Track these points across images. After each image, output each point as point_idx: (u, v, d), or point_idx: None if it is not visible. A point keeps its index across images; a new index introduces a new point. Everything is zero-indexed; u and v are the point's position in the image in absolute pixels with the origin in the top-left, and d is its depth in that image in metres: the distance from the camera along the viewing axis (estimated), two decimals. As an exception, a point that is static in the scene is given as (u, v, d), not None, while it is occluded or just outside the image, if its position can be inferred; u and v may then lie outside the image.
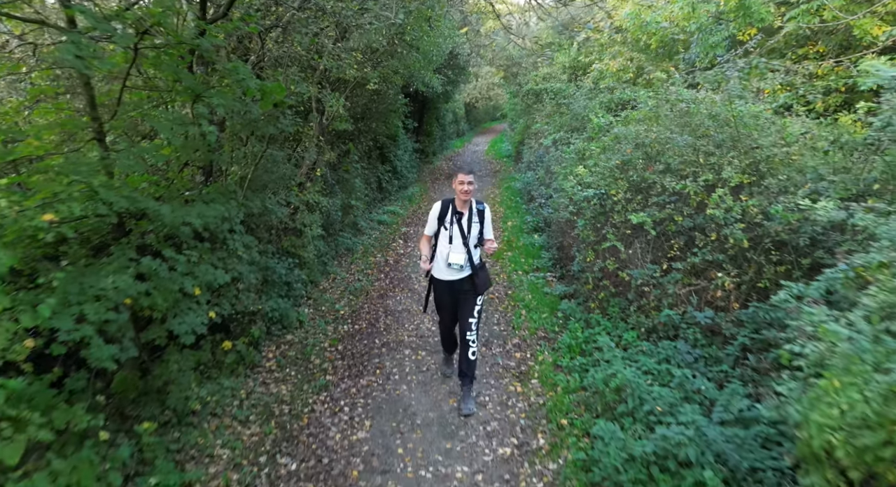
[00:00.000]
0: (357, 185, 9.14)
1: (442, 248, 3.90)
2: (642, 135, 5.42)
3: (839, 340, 2.04)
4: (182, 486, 3.10)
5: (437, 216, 3.91)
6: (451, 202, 3.89)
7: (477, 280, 3.90)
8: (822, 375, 2.07)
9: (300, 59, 5.24)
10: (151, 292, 3.06)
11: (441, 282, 3.98)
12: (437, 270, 3.98)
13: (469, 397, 4.07)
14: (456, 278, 3.92)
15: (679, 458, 2.89)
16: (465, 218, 3.86)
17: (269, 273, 5.07)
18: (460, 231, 3.84)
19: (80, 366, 2.83)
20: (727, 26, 7.73)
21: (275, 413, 4.05)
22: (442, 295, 4.05)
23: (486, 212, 3.94)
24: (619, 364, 3.85)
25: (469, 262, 3.86)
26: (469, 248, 3.84)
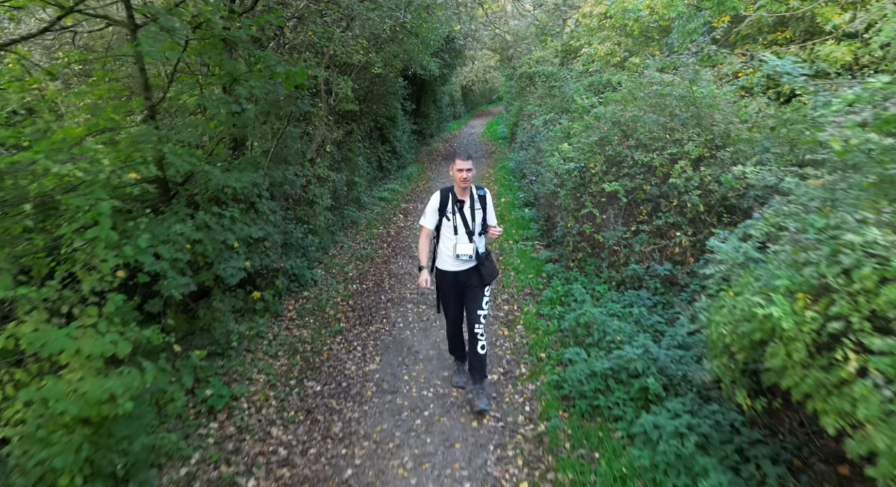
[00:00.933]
0: (360, 163, 9.79)
1: (447, 240, 3.77)
2: (618, 115, 6.09)
3: (735, 263, 2.76)
4: (231, 397, 3.84)
5: (438, 207, 3.73)
6: (451, 190, 3.73)
7: (483, 270, 3.76)
8: (723, 289, 2.79)
9: (313, 46, 5.88)
10: (204, 240, 3.76)
11: (447, 274, 3.84)
12: (441, 262, 3.85)
13: (482, 393, 3.88)
14: (462, 269, 3.79)
15: (630, 371, 3.64)
16: (466, 206, 3.71)
17: (287, 236, 5.77)
18: (464, 220, 3.70)
19: (153, 296, 3.54)
20: (703, 14, 8.34)
21: (299, 350, 4.78)
22: (448, 287, 3.88)
23: (488, 196, 3.81)
24: (588, 306, 4.60)
25: (475, 252, 3.72)
26: (475, 237, 3.73)
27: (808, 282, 2.18)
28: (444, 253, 3.81)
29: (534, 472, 3.23)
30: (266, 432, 3.64)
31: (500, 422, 3.76)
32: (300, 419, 3.83)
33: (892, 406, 1.78)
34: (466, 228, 3.71)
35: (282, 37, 5.38)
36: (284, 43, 5.46)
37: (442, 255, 3.83)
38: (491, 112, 35.24)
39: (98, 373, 2.64)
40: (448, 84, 23.03)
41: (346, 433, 3.68)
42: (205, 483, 3.09)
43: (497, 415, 3.84)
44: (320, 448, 3.53)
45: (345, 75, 6.92)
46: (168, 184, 4.15)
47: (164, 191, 4.18)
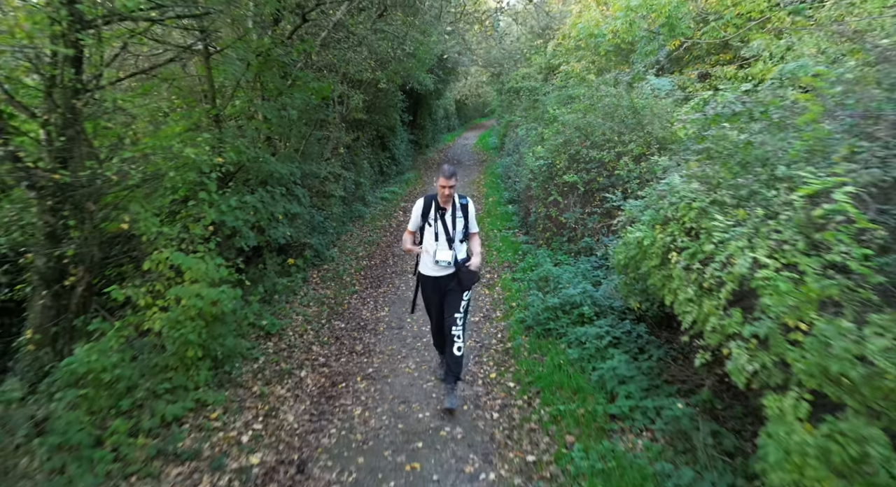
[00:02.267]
0: (365, 166, 11.20)
1: (428, 246, 3.90)
2: (579, 121, 7.52)
3: (630, 213, 4.14)
4: (280, 327, 5.18)
5: (421, 212, 3.88)
6: (434, 198, 3.86)
7: (462, 275, 3.87)
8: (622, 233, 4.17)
9: (333, 66, 7.30)
10: (260, 210, 5.13)
11: (428, 278, 3.98)
12: (423, 267, 3.99)
13: (453, 394, 4.00)
14: (442, 274, 3.92)
15: (572, 304, 5.01)
16: (448, 214, 3.85)
17: (311, 219, 7.14)
18: (444, 227, 3.83)
19: (228, 248, 4.89)
20: (659, 39, 9.84)
21: (325, 302, 6.13)
22: (430, 291, 4.03)
23: (470, 205, 3.94)
24: (548, 265, 5.99)
25: (454, 258, 3.83)
26: (455, 244, 3.86)
27: (659, 217, 3.57)
28: (426, 259, 3.93)
29: (500, 368, 4.60)
30: (308, 348, 4.99)
31: (479, 344, 5.12)
32: (332, 342, 5.19)
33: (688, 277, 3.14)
34: (447, 235, 3.83)
35: (309, 59, 6.79)
36: (311, 64, 6.88)
37: (424, 261, 3.96)
38: (484, 125, 36.76)
39: (209, 286, 4.00)
40: (442, 98, 24.56)
41: (366, 350, 5.03)
42: (272, 372, 4.44)
43: (477, 340, 5.20)
44: (348, 358, 4.88)
45: (355, 89, 8.35)
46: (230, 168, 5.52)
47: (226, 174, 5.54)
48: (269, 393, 4.15)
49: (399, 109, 14.55)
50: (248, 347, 4.59)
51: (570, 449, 3.38)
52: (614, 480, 3.04)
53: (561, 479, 3.18)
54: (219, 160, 4.53)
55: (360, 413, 4.00)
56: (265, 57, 5.15)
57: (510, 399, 4.14)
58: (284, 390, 4.23)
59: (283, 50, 5.48)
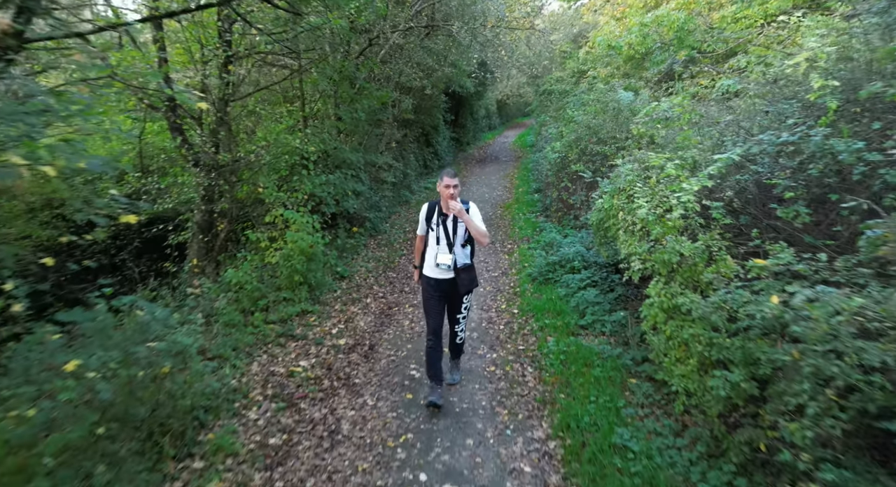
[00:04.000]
0: (411, 160, 13.04)
1: (430, 249, 4.01)
2: (590, 121, 9.10)
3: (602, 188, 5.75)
4: (350, 273, 7.04)
5: (425, 217, 3.99)
6: (437, 203, 3.96)
7: (459, 280, 3.94)
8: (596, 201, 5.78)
9: (389, 77, 9.14)
10: (337, 186, 6.99)
11: (430, 280, 4.05)
12: (426, 268, 4.08)
13: (456, 369, 4.51)
14: (443, 277, 3.99)
15: (567, 259, 6.66)
16: (450, 218, 3.91)
17: (370, 198, 9.00)
18: (445, 231, 3.91)
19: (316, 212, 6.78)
20: (670, 50, 11.25)
21: (380, 260, 7.97)
22: (431, 292, 4.08)
23: (473, 209, 3.95)
24: (554, 234, 7.64)
25: (454, 262, 3.91)
26: (456, 248, 3.92)
27: (615, 189, 5.19)
28: (429, 261, 4.04)
29: (509, 303, 6.31)
30: (370, 287, 6.83)
31: (496, 289, 6.85)
32: (386, 284, 7.02)
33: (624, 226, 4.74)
34: (447, 239, 3.92)
35: (371, 72, 8.64)
36: (373, 76, 8.72)
37: (427, 263, 4.08)
38: (525, 124, 38.16)
39: (308, 234, 5.87)
40: (483, 99, 26.21)
41: (411, 290, 6.83)
42: (347, 299, 6.29)
43: (494, 287, 6.93)
44: (399, 294, 6.69)
45: (405, 95, 10.17)
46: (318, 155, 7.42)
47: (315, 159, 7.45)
48: (346, 310, 6.01)
49: (442, 110, 16.33)
50: (329, 282, 6.47)
51: (548, 343, 5.06)
52: (571, 355, 4.72)
53: (539, 358, 4.87)
54: (312, 149, 6.42)
55: (407, 324, 5.79)
56: (341, 73, 7.01)
57: (513, 319, 5.85)
58: (357, 309, 6.08)
59: (353, 67, 7.34)
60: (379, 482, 3.34)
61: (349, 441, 3.77)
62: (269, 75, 7.04)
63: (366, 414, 4.10)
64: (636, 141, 8.44)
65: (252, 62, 6.08)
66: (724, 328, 3.15)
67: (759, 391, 2.89)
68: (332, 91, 7.15)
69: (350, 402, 4.27)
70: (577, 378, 4.37)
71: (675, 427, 3.59)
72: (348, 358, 4.99)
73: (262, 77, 7.34)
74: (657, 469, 3.19)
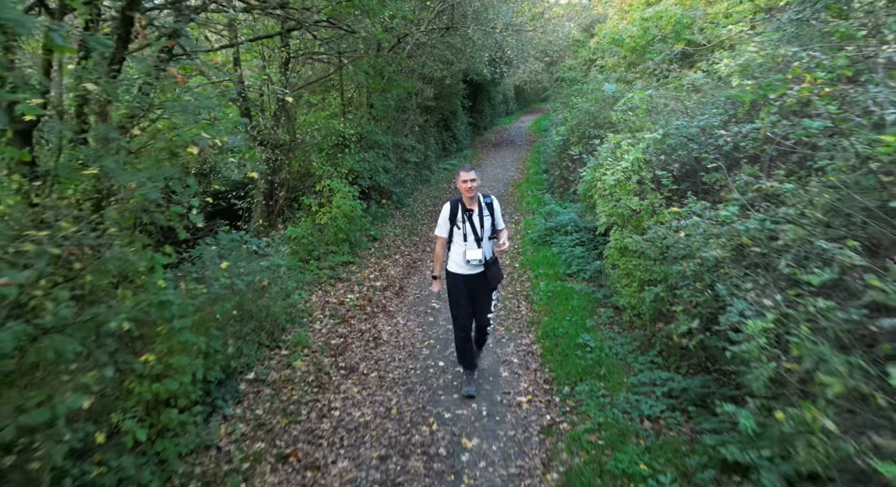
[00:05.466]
0: (431, 143, 14.37)
1: (458, 247, 3.99)
2: (590, 108, 10.32)
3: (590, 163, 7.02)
4: (380, 236, 8.46)
5: (449, 217, 3.97)
6: (460, 201, 3.95)
7: (489, 273, 4.01)
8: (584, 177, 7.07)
9: (413, 69, 10.45)
10: (371, 163, 8.38)
11: (458, 276, 4.06)
12: (452, 265, 4.07)
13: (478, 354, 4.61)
14: (471, 273, 4.02)
15: (562, 224, 7.98)
16: (475, 214, 3.93)
17: (396, 175, 10.38)
18: (472, 227, 3.92)
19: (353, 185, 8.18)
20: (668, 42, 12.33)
21: (405, 227, 9.37)
22: (459, 289, 4.10)
23: (495, 203, 4.04)
24: (554, 206, 8.96)
25: (484, 257, 3.95)
26: (483, 242, 3.96)
27: (597, 164, 6.48)
28: (455, 259, 4.04)
29: (512, 260, 7.67)
30: (398, 247, 8.25)
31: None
32: (411, 245, 8.42)
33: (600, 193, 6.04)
34: (475, 235, 3.93)
35: (399, 65, 9.96)
36: (401, 69, 10.05)
37: (453, 260, 4.06)
38: (542, 109, 38.94)
39: (349, 200, 7.28)
40: (501, 85, 27.29)
41: (432, 250, 8.22)
42: (379, 254, 7.72)
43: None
44: (421, 253, 8.09)
45: (427, 84, 11.48)
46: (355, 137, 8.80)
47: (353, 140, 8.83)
48: (380, 262, 7.44)
49: (460, 97, 17.57)
50: (365, 242, 7.90)
51: (540, 285, 6.42)
52: (556, 293, 6.07)
53: (532, 296, 6.24)
54: (351, 131, 7.79)
55: (428, 273, 7.20)
56: (374, 68, 8.35)
57: (514, 269, 7.22)
58: (388, 262, 7.51)
59: (384, 62, 8.67)
60: (409, 365, 4.77)
61: (388, 343, 5.21)
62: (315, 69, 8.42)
63: (399, 328, 5.53)
64: (614, 126, 9.68)
65: (303, 61, 7.44)
66: (654, 258, 4.48)
67: (672, 297, 4.22)
68: (367, 83, 8.49)
69: (387, 321, 5.71)
70: (559, 307, 5.74)
71: (622, 332, 4.95)
72: (384, 294, 6.43)
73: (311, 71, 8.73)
74: (604, 356, 4.56)
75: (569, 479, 3.27)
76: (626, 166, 4.88)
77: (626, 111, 6.66)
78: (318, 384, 4.44)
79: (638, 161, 4.95)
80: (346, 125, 7.88)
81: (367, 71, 8.01)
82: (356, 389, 4.40)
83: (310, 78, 8.21)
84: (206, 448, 3.51)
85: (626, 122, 6.77)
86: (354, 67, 8.06)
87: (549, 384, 4.44)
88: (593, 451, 3.46)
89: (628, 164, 4.87)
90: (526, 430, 3.86)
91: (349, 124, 8.00)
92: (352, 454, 3.61)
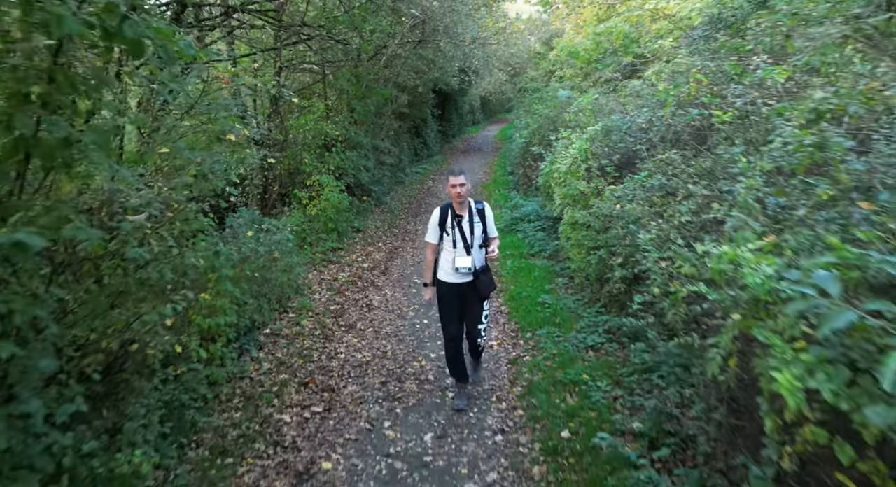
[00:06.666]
0: (405, 147, 15.33)
1: (447, 254, 3.89)
2: (549, 113, 11.48)
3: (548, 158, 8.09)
4: (364, 228, 9.35)
5: (438, 222, 3.88)
6: (450, 206, 3.87)
7: (479, 283, 3.86)
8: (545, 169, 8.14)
9: (388, 78, 11.42)
10: (353, 162, 9.29)
11: (448, 284, 3.92)
12: (442, 273, 3.94)
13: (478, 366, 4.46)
14: (461, 281, 3.87)
15: (525, 214, 9.04)
16: (465, 220, 3.83)
17: (374, 174, 11.30)
18: (461, 234, 3.81)
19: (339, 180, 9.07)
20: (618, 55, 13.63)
21: (385, 221, 10.28)
22: (448, 299, 3.95)
23: (487, 210, 3.94)
24: (518, 199, 10.03)
25: (473, 265, 3.80)
26: (473, 250, 3.82)
27: (554, 158, 7.54)
28: (444, 266, 3.92)
29: (483, 244, 8.67)
30: (380, 237, 9.15)
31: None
32: (392, 236, 9.34)
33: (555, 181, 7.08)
34: (465, 242, 3.81)
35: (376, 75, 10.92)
36: (378, 78, 11.00)
37: (442, 267, 3.94)
38: (507, 119, 40.30)
39: (337, 193, 8.16)
40: (467, 95, 28.49)
41: (410, 239, 9.15)
42: (364, 242, 8.61)
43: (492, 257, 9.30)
44: (401, 242, 9.01)
45: (401, 92, 12.47)
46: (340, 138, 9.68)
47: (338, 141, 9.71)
48: (365, 249, 8.33)
49: (430, 105, 18.61)
50: (350, 232, 8.78)
51: (507, 263, 7.42)
52: (521, 268, 7.09)
53: (501, 271, 7.23)
54: (336, 133, 8.70)
55: (409, 257, 8.12)
56: (356, 77, 9.28)
57: (484, 253, 8.21)
58: (373, 249, 8.41)
59: (364, 72, 9.62)
60: (399, 323, 5.69)
61: (379, 308, 6.12)
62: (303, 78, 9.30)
63: (388, 298, 6.45)
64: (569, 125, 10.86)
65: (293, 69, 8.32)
66: (598, 229, 5.52)
67: (610, 256, 5.26)
68: (349, 90, 9.42)
69: (376, 292, 6.62)
70: (523, 278, 6.76)
71: (574, 293, 5.99)
72: (371, 273, 7.33)
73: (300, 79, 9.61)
74: (559, 310, 5.57)
75: (530, 389, 4.24)
76: (574, 154, 5.93)
77: (577, 113, 7.77)
78: (324, 337, 5.32)
79: (585, 151, 6.02)
80: (332, 127, 8.76)
81: (349, 79, 8.93)
82: (356, 340, 5.30)
83: (299, 85, 9.08)
84: (241, 378, 4.35)
85: (577, 122, 7.87)
86: (336, 76, 8.98)
87: (514, 332, 5.43)
88: (548, 371, 4.44)
89: (576, 152, 5.92)
90: (497, 362, 4.82)
91: (335, 126, 8.89)
92: (358, 381, 4.51)
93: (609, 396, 3.97)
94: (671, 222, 3.49)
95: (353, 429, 3.83)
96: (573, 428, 3.64)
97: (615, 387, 4.08)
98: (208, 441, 3.54)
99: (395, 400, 4.21)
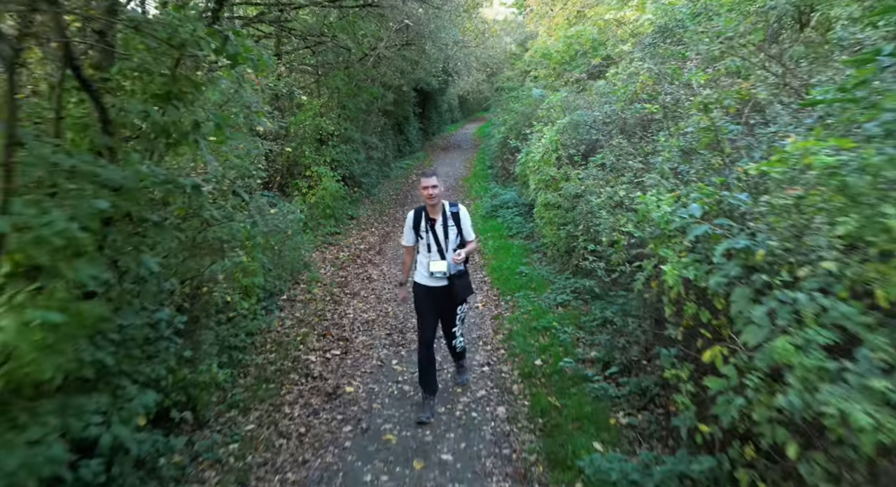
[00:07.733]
0: (390, 144, 16.18)
1: (422, 257, 3.85)
2: (524, 110, 12.45)
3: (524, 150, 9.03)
4: (357, 216, 10.19)
5: (412, 225, 3.82)
6: (423, 209, 3.79)
7: (454, 288, 3.77)
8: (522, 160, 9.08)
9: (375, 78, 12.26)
10: (347, 155, 10.12)
11: (422, 287, 3.86)
12: (418, 276, 3.89)
13: (463, 369, 4.38)
14: (437, 285, 3.79)
15: (504, 202, 9.99)
16: (438, 223, 3.76)
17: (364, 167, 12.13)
18: (435, 238, 3.75)
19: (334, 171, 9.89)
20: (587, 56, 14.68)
21: (376, 209, 11.12)
22: (423, 300, 3.88)
23: (462, 212, 3.84)
24: (497, 189, 10.99)
25: (448, 269, 3.71)
26: (448, 254, 3.74)
27: (529, 149, 8.49)
28: (420, 269, 3.88)
29: (466, 229, 9.60)
30: (373, 223, 10.00)
31: (457, 223, 10.17)
32: (383, 223, 10.19)
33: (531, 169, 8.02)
34: (438, 246, 3.74)
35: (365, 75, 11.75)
36: (367, 77, 11.83)
37: (418, 271, 3.91)
38: (485, 118, 41.22)
39: (334, 184, 9.00)
40: (446, 94, 29.41)
41: (398, 226, 10.00)
42: (359, 228, 9.45)
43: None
44: (391, 228, 9.87)
45: (387, 91, 13.33)
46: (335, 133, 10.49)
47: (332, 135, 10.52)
48: (360, 233, 9.18)
49: (412, 104, 19.48)
50: (345, 219, 9.62)
51: (488, 244, 8.35)
52: (500, 247, 8.02)
53: (483, 250, 8.15)
54: (331, 128, 9.52)
55: (400, 240, 8.99)
56: (348, 77, 10.11)
57: (468, 236, 9.14)
58: (367, 233, 9.27)
59: (355, 72, 10.46)
60: (397, 291, 6.57)
61: (378, 280, 7.00)
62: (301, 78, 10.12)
63: (385, 272, 7.33)
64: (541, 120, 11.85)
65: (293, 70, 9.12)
66: (567, 208, 6.48)
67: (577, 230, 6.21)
68: (341, 88, 10.24)
69: (374, 268, 7.49)
70: (503, 254, 7.70)
71: (548, 265, 6.95)
72: (368, 253, 8.20)
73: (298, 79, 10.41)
74: (535, 277, 6.52)
75: (510, 335, 5.18)
76: (546, 144, 6.88)
77: (549, 109, 8.73)
78: (333, 301, 6.19)
79: (555, 141, 6.97)
80: (328, 123, 9.59)
81: (342, 78, 9.76)
82: (361, 304, 6.18)
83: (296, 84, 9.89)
84: (269, 331, 5.20)
85: (549, 117, 8.83)
86: (328, 77, 9.81)
87: (496, 296, 6.36)
88: (525, 322, 5.38)
89: (548, 142, 6.88)
90: (482, 318, 5.75)
91: (330, 122, 9.72)
92: (367, 333, 5.39)
93: (573, 337, 4.92)
94: (617, 190, 4.46)
95: (367, 365, 4.72)
96: (544, 359, 4.59)
97: (578, 331, 5.03)
98: (253, 373, 4.38)
99: (399, 346, 5.10)
